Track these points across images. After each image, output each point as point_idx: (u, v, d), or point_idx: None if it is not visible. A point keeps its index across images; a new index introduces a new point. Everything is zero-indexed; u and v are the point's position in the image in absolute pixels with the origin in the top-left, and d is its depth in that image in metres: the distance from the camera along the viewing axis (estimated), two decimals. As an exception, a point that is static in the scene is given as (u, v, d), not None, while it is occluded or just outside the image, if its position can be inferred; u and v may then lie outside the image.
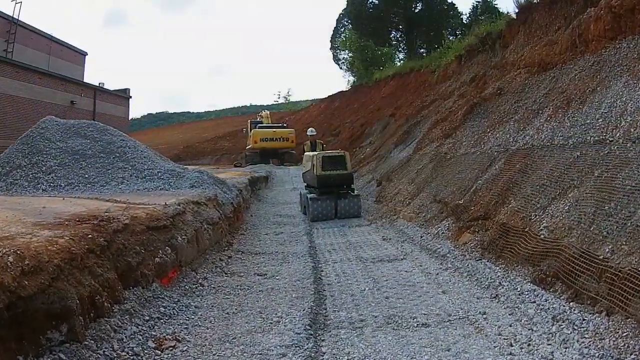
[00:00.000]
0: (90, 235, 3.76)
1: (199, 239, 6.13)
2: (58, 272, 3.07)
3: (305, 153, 12.72)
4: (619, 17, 7.54)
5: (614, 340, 3.41)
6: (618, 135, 5.51)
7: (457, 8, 34.90)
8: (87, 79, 28.26)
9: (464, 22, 33.25)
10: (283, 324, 4.14)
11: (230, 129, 47.13)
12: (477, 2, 33.85)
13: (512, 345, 3.62)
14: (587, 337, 3.58)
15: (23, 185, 7.80)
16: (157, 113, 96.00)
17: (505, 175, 7.18)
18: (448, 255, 6.45)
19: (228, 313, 4.49)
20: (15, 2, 21.79)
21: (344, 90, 39.81)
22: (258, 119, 31.38)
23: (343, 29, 39.70)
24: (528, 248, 5.22)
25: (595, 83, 7.05)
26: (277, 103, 58.42)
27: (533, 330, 3.83)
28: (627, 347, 3.28)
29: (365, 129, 24.37)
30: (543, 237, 5.11)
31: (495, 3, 31.55)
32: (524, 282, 4.83)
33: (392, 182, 12.63)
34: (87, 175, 8.04)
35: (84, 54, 29.50)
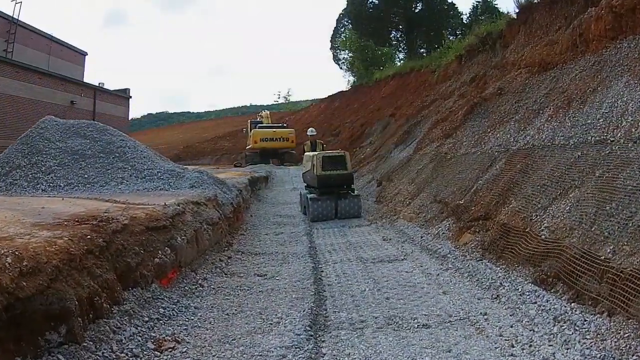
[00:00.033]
0: (89, 236, 3.75)
1: (199, 240, 6.11)
2: (57, 273, 3.05)
3: (306, 153, 12.70)
4: (620, 16, 7.53)
5: (616, 341, 3.40)
6: (619, 135, 5.49)
7: (457, 8, 34.97)
8: (87, 79, 28.31)
9: (464, 22, 33.30)
10: (283, 325, 4.13)
11: (230, 129, 47.13)
12: (477, 2, 33.90)
13: (513, 347, 3.62)
14: (588, 338, 3.57)
15: (22, 186, 7.79)
16: (157, 113, 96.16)
17: (506, 176, 7.16)
18: (449, 256, 6.44)
19: (228, 314, 4.48)
20: (15, 2, 21.83)
21: (344, 90, 39.84)
22: (258, 119, 31.36)
23: (343, 29, 39.71)
24: (529, 248, 5.20)
25: (596, 83, 7.03)
26: (277, 103, 58.50)
27: (534, 331, 3.83)
28: (628, 348, 3.27)
29: (366, 129, 24.36)
30: (544, 237, 5.10)
31: (496, 3, 31.66)
32: (525, 282, 4.81)
33: (392, 182, 12.61)
34: (86, 176, 8.03)
35: (84, 54, 29.51)
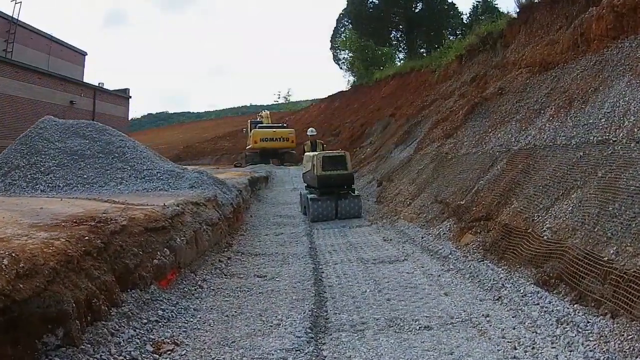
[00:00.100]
0: (87, 237, 3.71)
1: (198, 240, 6.07)
2: (54, 275, 3.02)
3: (306, 153, 12.67)
4: (621, 16, 7.50)
5: (619, 343, 3.37)
6: (621, 135, 5.45)
7: (457, 8, 34.92)
8: (86, 79, 28.30)
9: (464, 22, 33.29)
10: (283, 327, 4.10)
11: (230, 129, 47.13)
12: (477, 2, 33.88)
13: (516, 349, 3.59)
14: (591, 340, 3.54)
15: (21, 186, 7.75)
16: (157, 113, 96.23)
17: (507, 176, 7.12)
18: (450, 257, 6.40)
19: (227, 316, 4.44)
20: (15, 2, 21.81)
21: (344, 90, 39.88)
22: (258, 119, 31.36)
23: (343, 29, 39.70)
24: (531, 249, 5.17)
25: (598, 83, 6.99)
26: (277, 103, 58.58)
27: (537, 333, 3.80)
28: (632, 350, 3.24)
29: (366, 129, 24.33)
30: (546, 238, 5.06)
31: (496, 3, 31.67)
32: (527, 283, 4.78)
33: (392, 182, 12.58)
34: (85, 176, 7.99)
35: (84, 54, 29.49)
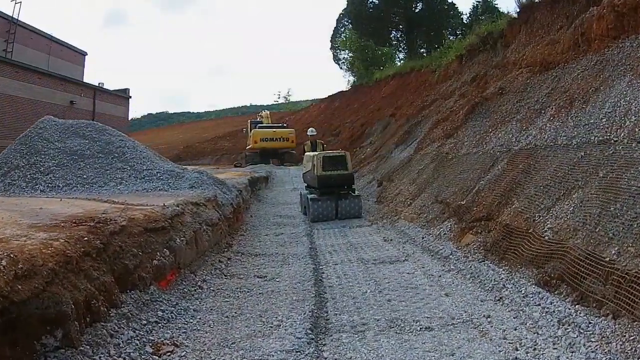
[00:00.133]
0: (86, 238, 3.69)
1: (198, 241, 6.06)
2: (52, 276, 3.00)
3: (306, 153, 12.66)
4: (622, 16, 7.49)
5: (621, 344, 3.36)
6: (623, 135, 5.44)
7: (457, 8, 34.95)
8: (86, 79, 28.27)
9: (464, 22, 33.30)
10: (284, 328, 4.08)
11: (230, 129, 47.12)
12: (477, 2, 33.88)
13: (517, 350, 3.57)
14: (593, 341, 3.53)
15: (21, 186, 7.74)
16: (157, 113, 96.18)
17: (508, 176, 7.10)
18: (450, 257, 6.38)
19: (227, 316, 4.42)
20: (15, 2, 21.79)
21: (344, 90, 39.86)
22: (258, 119, 31.34)
23: (343, 29, 39.70)
24: (532, 250, 5.15)
25: (599, 82, 6.98)
26: (277, 103, 58.55)
27: (538, 334, 3.78)
28: (634, 351, 3.23)
29: (366, 129, 24.31)
30: (547, 238, 5.04)
31: (496, 3, 31.67)
32: (528, 284, 4.76)
33: (393, 182, 12.56)
34: (85, 176, 7.97)
35: (84, 54, 29.48)
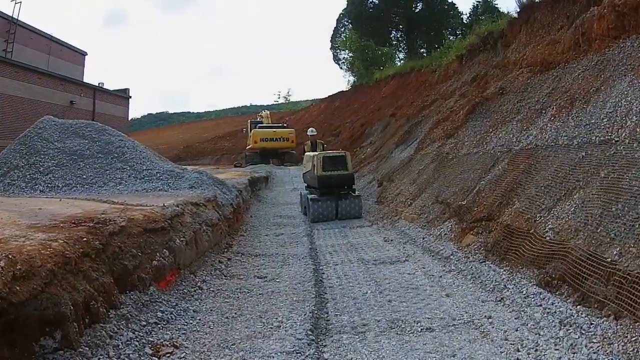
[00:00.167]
0: (85, 238, 3.67)
1: (198, 241, 6.04)
2: (51, 277, 2.98)
3: (306, 153, 12.64)
4: (623, 15, 7.48)
5: (623, 345, 3.34)
6: (624, 135, 5.42)
7: (457, 8, 35.02)
8: (86, 79, 28.26)
9: (464, 22, 33.32)
10: (284, 329, 4.06)
11: (230, 129, 47.11)
12: (477, 2, 33.89)
13: (519, 351, 3.56)
14: (595, 341, 3.51)
15: (20, 186, 7.72)
16: (157, 113, 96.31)
17: (509, 176, 7.08)
18: (451, 257, 6.36)
19: (227, 317, 4.41)
20: (15, 2, 21.77)
21: (344, 90, 39.85)
22: (258, 119, 31.31)
23: (343, 29, 39.70)
24: (533, 250, 5.13)
25: (600, 82, 6.96)
26: (277, 103, 58.57)
27: (540, 335, 3.77)
28: (636, 351, 3.21)
29: (366, 129, 24.28)
30: (548, 238, 5.03)
31: (496, 3, 31.69)
32: (530, 284, 4.74)
33: (393, 182, 12.53)
34: (85, 176, 7.95)
35: (84, 54, 29.46)
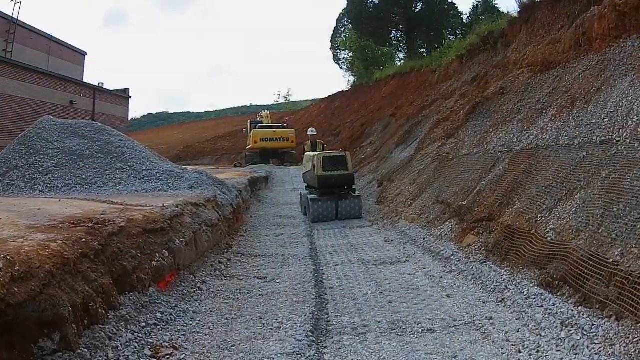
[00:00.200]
0: (84, 239, 3.64)
1: (198, 242, 6.01)
2: (50, 278, 2.95)
3: (306, 153, 12.61)
4: (624, 15, 7.47)
5: (625, 346, 3.32)
6: (625, 135, 5.40)
7: (457, 8, 35.03)
8: (86, 79, 28.28)
9: (464, 22, 33.32)
10: (284, 330, 4.04)
11: (230, 129, 47.12)
12: (477, 2, 33.89)
13: (520, 352, 3.55)
14: (597, 342, 3.49)
15: (20, 187, 7.69)
16: (157, 113, 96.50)
17: (510, 176, 7.06)
18: (452, 258, 6.33)
19: (227, 319, 4.38)
20: (15, 2, 21.75)
21: (344, 90, 39.86)
22: (258, 119, 31.30)
23: (343, 29, 39.71)
24: (534, 250, 5.11)
25: (600, 82, 6.94)
26: (277, 103, 58.60)
27: (541, 336, 3.75)
28: (638, 352, 3.21)
29: (366, 129, 24.26)
30: (550, 239, 5.00)
31: (496, 3, 31.70)
32: (531, 285, 4.72)
33: (393, 182, 12.51)
34: (84, 176, 7.93)
35: (84, 54, 29.45)
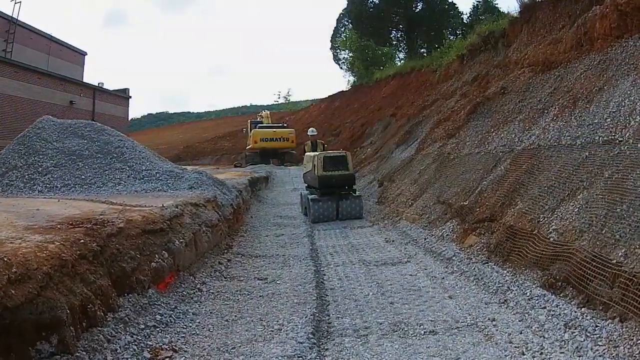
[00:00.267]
0: (83, 240, 3.60)
1: (197, 242, 5.98)
2: (47, 280, 2.92)
3: (307, 153, 12.57)
4: (625, 15, 7.44)
5: (629, 348, 3.29)
6: (628, 135, 5.37)
7: (457, 8, 35.07)
8: (86, 79, 28.23)
9: (465, 21, 33.33)
10: (285, 332, 4.00)
11: (230, 129, 47.09)
12: (477, 1, 33.88)
13: (523, 354, 3.52)
14: (600, 344, 3.46)
15: (19, 187, 7.66)
16: (157, 113, 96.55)
17: (511, 176, 7.02)
18: (453, 258, 6.29)
19: (227, 320, 4.35)
20: (15, 1, 21.72)
21: (344, 90, 39.84)
22: (258, 119, 31.28)
23: (343, 29, 39.71)
24: (537, 251, 5.07)
25: (602, 82, 6.91)
26: (277, 103, 58.59)
27: (545, 338, 3.72)
28: (642, 355, 3.15)
29: (366, 129, 24.22)
30: (552, 240, 4.97)
31: (496, 3, 31.69)
32: (533, 286, 4.68)
33: (394, 182, 12.47)
34: (83, 176, 7.89)
35: (84, 54, 29.42)
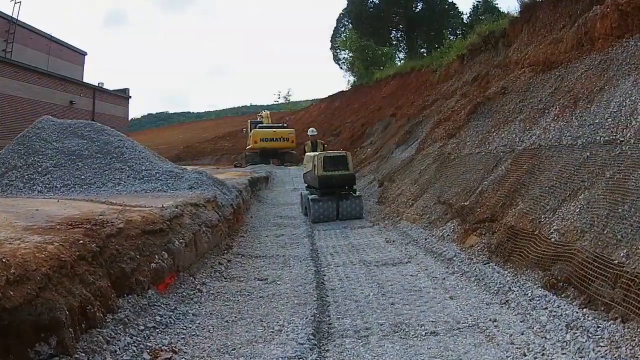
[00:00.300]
0: (82, 241, 3.58)
1: (197, 243, 5.96)
2: (46, 281, 2.90)
3: (307, 153, 12.55)
4: (626, 15, 7.43)
5: (631, 349, 3.28)
6: (629, 135, 5.35)
7: (457, 8, 35.07)
8: (86, 79, 28.25)
9: (465, 21, 33.33)
10: (285, 333, 3.98)
11: (230, 129, 47.08)
12: (477, 1, 33.88)
13: (525, 355, 3.50)
14: (602, 345, 3.44)
15: (18, 187, 7.65)
16: (157, 113, 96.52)
17: (512, 176, 7.01)
18: (454, 259, 6.27)
19: (227, 321, 4.33)
20: (15, 1, 21.71)
21: (344, 90, 39.83)
22: (258, 119, 31.26)
23: (343, 29, 39.70)
24: (538, 252, 5.05)
25: (603, 82, 6.89)
26: (277, 103, 58.57)
27: (546, 339, 3.70)
28: (644, 355, 3.13)
29: (366, 129, 24.21)
30: (554, 240, 4.95)
31: (496, 3, 31.68)
32: (535, 287, 4.67)
33: (394, 182, 12.45)
34: (83, 177, 7.88)
35: (84, 54, 29.41)
